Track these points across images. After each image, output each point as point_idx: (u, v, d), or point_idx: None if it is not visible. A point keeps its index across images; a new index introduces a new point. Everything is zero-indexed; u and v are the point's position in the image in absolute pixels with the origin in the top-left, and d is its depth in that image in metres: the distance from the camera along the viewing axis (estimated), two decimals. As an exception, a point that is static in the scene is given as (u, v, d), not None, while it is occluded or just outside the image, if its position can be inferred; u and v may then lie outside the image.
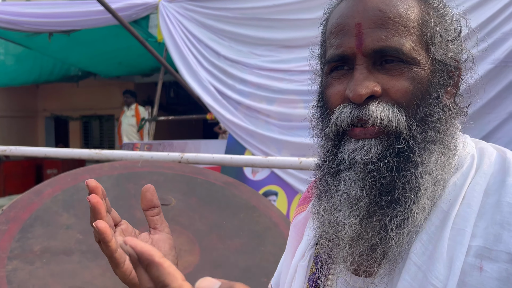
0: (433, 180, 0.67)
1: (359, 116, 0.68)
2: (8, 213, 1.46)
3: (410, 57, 0.68)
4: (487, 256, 0.62)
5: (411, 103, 0.67)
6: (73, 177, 1.68)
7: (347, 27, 0.70)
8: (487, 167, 0.69)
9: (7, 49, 7.22)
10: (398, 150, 0.67)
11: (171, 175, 1.81)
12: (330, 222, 0.71)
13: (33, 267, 1.32)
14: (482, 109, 3.05)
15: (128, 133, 7.80)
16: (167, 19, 4.85)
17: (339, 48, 0.71)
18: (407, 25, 0.68)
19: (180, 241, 1.50)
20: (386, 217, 0.66)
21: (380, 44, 0.67)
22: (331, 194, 0.71)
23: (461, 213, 0.65)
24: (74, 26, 5.61)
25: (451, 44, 0.72)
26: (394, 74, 0.68)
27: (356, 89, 0.67)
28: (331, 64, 0.73)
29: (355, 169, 0.68)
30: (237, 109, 4.41)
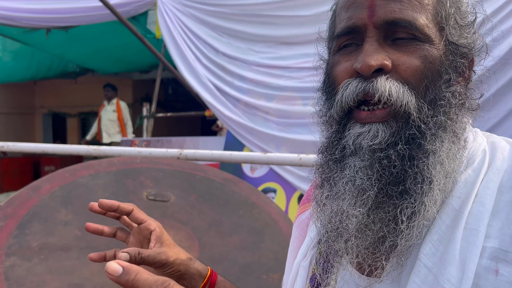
0: (444, 171, 0.63)
1: (366, 90, 0.64)
2: (5, 209, 1.45)
3: (423, 33, 0.65)
4: (503, 259, 0.58)
5: (420, 83, 0.64)
6: (71, 173, 1.66)
7: (359, 0, 0.68)
8: (500, 162, 0.66)
9: (4, 45, 7.19)
10: (409, 136, 0.63)
11: (170, 171, 1.80)
12: (333, 211, 0.67)
13: (31, 264, 1.31)
14: (481, 106, 3.04)
15: (107, 129, 7.38)
16: (165, 15, 4.83)
17: (350, 20, 0.68)
18: (422, 1, 0.66)
19: (179, 238, 1.49)
20: (397, 209, 0.62)
21: (393, 16, 0.65)
22: (335, 181, 0.68)
23: (474, 211, 0.62)
24: (72, 22, 5.59)
25: (465, 29, 0.70)
26: (405, 51, 0.65)
27: (364, 59, 0.64)
28: (339, 40, 0.70)
29: (361, 155, 0.65)
30: (236, 106, 4.40)
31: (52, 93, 12.20)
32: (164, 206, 1.62)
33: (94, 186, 1.63)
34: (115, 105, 7.42)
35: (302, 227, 0.86)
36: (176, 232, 1.52)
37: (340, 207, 0.66)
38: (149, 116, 5.68)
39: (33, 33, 6.15)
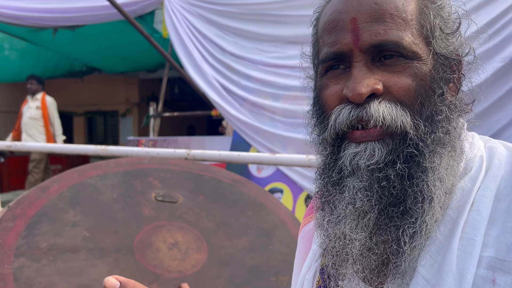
0: (444, 187, 0.63)
1: (359, 117, 0.63)
2: (14, 209, 1.45)
3: (410, 51, 0.64)
4: (500, 268, 0.57)
5: (415, 101, 0.63)
6: (79, 173, 1.66)
7: (341, 23, 0.66)
8: (497, 169, 0.65)
9: (11, 44, 7.22)
10: (407, 155, 0.62)
11: (178, 172, 1.79)
12: (336, 235, 0.66)
13: (40, 265, 1.31)
14: (490, 107, 3.02)
15: (28, 128, 6.18)
16: (172, 14, 4.82)
17: (334, 45, 0.66)
18: (405, 18, 0.64)
19: (188, 239, 1.49)
20: (398, 230, 0.61)
21: (378, 39, 0.63)
22: (335, 204, 0.67)
23: (470, 220, 0.61)
24: (79, 22, 5.60)
25: (451, 37, 0.69)
26: (395, 71, 0.64)
27: (355, 87, 0.62)
28: (326, 64, 0.69)
29: (359, 176, 0.64)
30: (242, 106, 4.39)
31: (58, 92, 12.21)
32: (173, 207, 1.61)
33: (102, 186, 1.63)
34: (40, 101, 6.30)
35: (307, 239, 0.85)
36: (184, 233, 1.52)
37: (342, 231, 0.65)
38: (156, 115, 5.69)
39: (40, 32, 6.17)
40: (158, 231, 1.50)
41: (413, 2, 0.66)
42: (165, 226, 1.53)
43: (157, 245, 1.45)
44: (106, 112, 12.35)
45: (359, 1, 0.65)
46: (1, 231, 1.37)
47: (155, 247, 1.44)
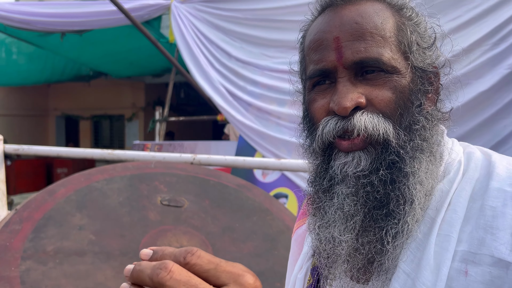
0: (424, 190, 0.67)
1: (345, 128, 0.68)
2: (21, 212, 1.46)
3: (390, 66, 0.68)
4: (472, 260, 0.62)
5: (395, 112, 0.68)
6: (86, 177, 1.67)
7: (325, 42, 0.71)
8: (473, 171, 0.70)
9: (19, 49, 7.28)
10: (389, 162, 0.67)
11: (184, 176, 1.80)
12: (326, 239, 0.71)
13: (46, 268, 1.31)
14: (497, 114, 3.01)
15: None
16: (179, 20, 4.85)
17: (320, 63, 0.71)
18: (384, 35, 0.69)
19: (193, 244, 1.49)
20: (382, 231, 0.66)
21: (360, 56, 0.68)
22: (325, 210, 0.71)
23: (447, 219, 0.66)
24: (87, 26, 5.64)
25: (428, 51, 0.73)
26: (376, 84, 0.68)
27: (340, 102, 0.67)
28: (312, 80, 0.74)
29: (347, 182, 0.69)
30: (248, 111, 4.40)
31: (65, 96, 12.34)
32: (178, 212, 1.62)
33: (108, 190, 1.64)
34: None
35: (299, 241, 0.90)
36: (189, 237, 1.52)
37: (331, 234, 0.70)
38: (162, 119, 5.71)
39: (48, 37, 6.22)
40: (163, 235, 1.51)
41: (391, 20, 0.71)
42: (171, 230, 1.54)
43: (163, 249, 1.46)
44: (112, 116, 12.41)
45: (341, 21, 0.71)
46: (9, 234, 1.38)
47: (161, 251, 1.45)
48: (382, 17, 0.71)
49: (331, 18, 0.72)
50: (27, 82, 8.62)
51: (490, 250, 0.62)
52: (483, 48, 3.18)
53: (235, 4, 4.52)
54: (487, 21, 3.18)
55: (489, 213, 0.64)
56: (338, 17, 0.71)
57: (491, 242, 0.62)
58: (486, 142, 2.97)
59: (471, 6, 3.24)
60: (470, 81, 3.16)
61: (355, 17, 0.70)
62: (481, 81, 3.10)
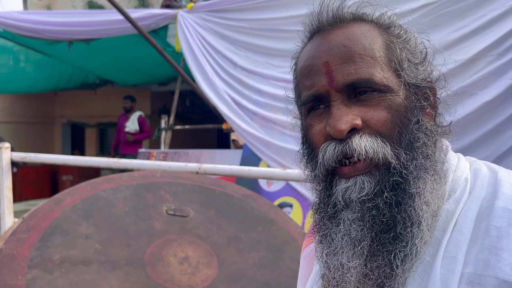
0: (431, 210, 0.66)
1: (344, 151, 0.67)
2: (28, 221, 1.47)
3: (382, 85, 0.68)
4: (477, 282, 0.61)
5: (393, 132, 0.67)
6: (92, 186, 1.69)
7: (316, 67, 0.71)
8: (479, 190, 0.69)
9: (27, 56, 7.35)
10: (393, 183, 0.66)
11: (189, 186, 1.81)
12: (335, 266, 0.70)
13: (53, 277, 1.32)
14: (502, 124, 3.00)
15: None
16: (185, 29, 4.89)
17: (312, 88, 0.71)
18: (373, 55, 0.69)
19: (198, 254, 1.50)
20: (390, 254, 0.65)
21: (350, 78, 0.68)
22: (332, 237, 0.71)
23: (453, 240, 0.65)
24: (94, 35, 5.69)
25: (420, 66, 0.73)
26: (370, 105, 0.68)
27: (335, 125, 0.67)
28: (307, 105, 0.74)
29: (352, 208, 0.68)
30: (253, 120, 4.41)
31: (71, 104, 12.41)
32: (183, 221, 1.63)
33: (114, 199, 1.65)
34: None
35: (309, 260, 0.88)
36: (195, 247, 1.53)
37: (339, 261, 0.69)
38: (167, 128, 5.73)
39: (55, 45, 6.29)
40: (169, 245, 1.51)
41: (379, 39, 0.71)
42: (176, 240, 1.54)
43: (168, 259, 1.46)
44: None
45: (329, 46, 0.71)
46: (16, 243, 1.40)
47: (166, 261, 1.45)
48: (370, 37, 0.71)
49: (319, 44, 0.73)
50: (34, 89, 8.69)
51: (494, 271, 0.61)
52: (488, 59, 3.18)
53: (241, 14, 4.55)
54: (492, 31, 3.18)
55: (494, 233, 0.63)
56: (326, 42, 0.72)
57: (496, 263, 0.61)
58: (491, 152, 2.96)
59: (476, 16, 3.24)
60: (475, 91, 3.16)
61: (343, 40, 0.70)
62: (486, 91, 3.10)
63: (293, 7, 4.17)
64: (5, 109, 11.46)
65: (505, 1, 3.11)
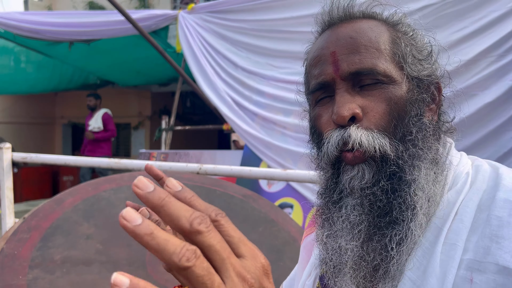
0: (426, 196, 0.69)
1: (344, 138, 0.71)
2: (30, 221, 1.47)
3: (385, 75, 0.71)
4: (477, 268, 0.63)
5: (390, 125, 0.71)
6: (93, 186, 1.69)
7: (324, 57, 0.76)
8: (481, 183, 0.72)
9: (28, 57, 7.36)
10: (390, 173, 0.70)
11: (190, 186, 1.81)
12: (333, 249, 0.73)
13: (54, 277, 1.32)
14: (503, 125, 3.00)
15: None
16: (186, 30, 4.90)
17: (319, 76, 0.76)
18: (378, 47, 0.73)
19: (199, 254, 1.50)
20: (386, 237, 0.69)
21: (355, 67, 0.72)
22: (333, 221, 0.74)
23: (453, 228, 0.68)
24: (95, 36, 5.70)
25: (425, 62, 0.76)
26: (372, 95, 0.72)
27: (338, 111, 0.70)
28: (315, 95, 0.78)
29: (354, 194, 0.72)
30: (254, 120, 4.41)
31: (72, 104, 12.42)
32: (184, 222, 1.63)
33: (116, 200, 1.65)
34: None
35: (308, 248, 0.92)
36: (195, 248, 1.53)
37: (338, 244, 0.72)
38: (168, 129, 5.73)
39: (56, 46, 6.30)
40: (170, 245, 1.51)
41: (385, 34, 0.75)
42: (177, 240, 1.54)
43: (169, 259, 1.46)
44: (119, 125, 12.45)
45: (337, 37, 0.75)
46: (17, 243, 1.40)
47: (167, 261, 1.46)
48: (376, 31, 0.75)
49: (328, 36, 0.78)
50: (34, 90, 8.70)
51: (495, 258, 0.63)
52: (488, 60, 3.18)
53: (242, 15, 4.56)
54: (493, 32, 3.18)
55: (495, 222, 0.66)
56: (334, 34, 0.76)
57: (496, 251, 0.63)
58: (492, 153, 2.97)
59: (477, 17, 3.25)
60: (476, 92, 3.16)
61: (350, 33, 0.75)
62: (487, 92, 3.11)
63: (294, 8, 4.18)
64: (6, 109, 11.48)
65: (505, 2, 3.12)
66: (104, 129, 7.01)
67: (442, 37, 3.31)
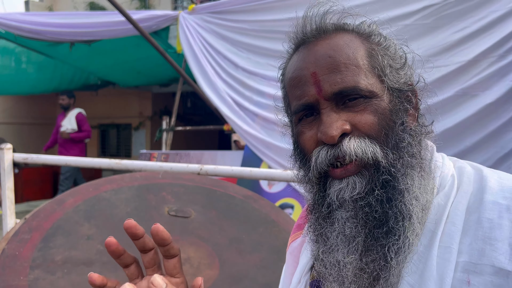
0: (420, 204, 0.70)
1: (336, 155, 0.71)
2: (31, 222, 1.48)
3: (367, 91, 0.72)
4: (473, 270, 0.65)
5: (380, 134, 0.71)
6: (94, 187, 1.69)
7: (304, 78, 0.75)
8: (467, 186, 0.73)
9: (29, 58, 7.37)
10: (383, 181, 0.70)
11: (191, 187, 1.81)
12: (331, 264, 0.73)
13: (55, 277, 1.33)
14: (504, 126, 3.00)
15: None
16: (186, 30, 4.90)
17: (302, 98, 0.75)
18: (357, 64, 0.73)
19: (200, 255, 1.50)
20: (384, 248, 0.69)
21: (338, 87, 0.72)
22: (327, 236, 0.74)
23: (446, 231, 0.69)
24: (95, 36, 5.71)
25: (401, 71, 0.77)
26: (357, 110, 0.72)
27: (327, 131, 0.71)
28: (298, 114, 0.78)
29: (345, 207, 0.71)
30: (254, 121, 4.41)
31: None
32: (185, 222, 1.63)
33: (116, 200, 1.65)
34: None
35: (295, 254, 0.92)
36: (196, 248, 1.53)
37: (335, 259, 0.72)
38: (169, 129, 5.74)
39: (57, 46, 6.31)
40: (170, 246, 1.52)
41: (361, 48, 0.75)
42: (178, 241, 1.54)
43: (170, 260, 1.46)
44: (119, 125, 12.47)
45: (315, 57, 0.75)
46: (18, 243, 1.40)
47: (168, 262, 1.46)
48: (353, 47, 0.75)
49: (306, 55, 0.77)
50: (35, 91, 8.71)
51: (490, 260, 0.64)
52: (489, 60, 3.18)
53: (243, 16, 4.56)
54: (494, 33, 3.18)
55: (487, 224, 0.67)
56: (312, 54, 0.76)
57: (491, 253, 0.65)
58: (493, 154, 2.97)
59: (478, 17, 3.25)
60: (477, 92, 3.16)
61: (328, 51, 0.74)
62: (488, 93, 3.10)
63: (294, 9, 4.17)
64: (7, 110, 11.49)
65: (506, 2, 3.12)
66: (79, 129, 6.76)
67: (443, 37, 3.31)
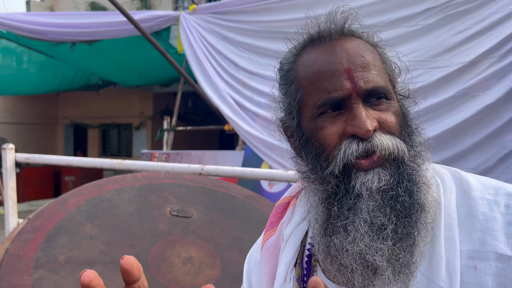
0: (432, 197, 0.76)
1: (367, 148, 0.74)
2: (34, 222, 1.49)
3: (389, 93, 0.78)
4: (478, 257, 0.72)
5: (400, 132, 0.77)
6: (97, 187, 1.70)
7: (337, 72, 0.77)
8: (450, 184, 0.80)
9: (30, 58, 7.39)
10: (407, 174, 0.75)
11: (192, 187, 1.82)
12: (356, 253, 0.73)
13: (58, 277, 1.34)
14: (504, 126, 3.01)
15: None
16: (187, 30, 4.91)
17: (333, 91, 0.76)
18: (380, 67, 0.79)
19: (201, 254, 1.51)
20: (412, 237, 0.72)
21: (371, 85, 0.76)
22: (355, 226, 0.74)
23: (446, 223, 0.75)
24: (97, 36, 5.73)
25: (398, 76, 0.83)
26: (381, 109, 0.77)
27: (363, 125, 0.74)
28: (322, 108, 0.78)
29: (372, 198, 0.73)
30: (255, 121, 4.43)
31: (74, 105, 12.45)
32: (187, 222, 1.64)
33: (119, 200, 1.67)
34: None
35: (271, 251, 0.94)
36: (198, 248, 1.54)
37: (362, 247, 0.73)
38: (170, 129, 5.75)
39: (58, 47, 6.32)
40: (172, 246, 1.53)
41: (377, 54, 0.81)
42: (180, 241, 1.56)
43: (171, 260, 1.48)
44: (120, 125, 12.49)
45: (348, 54, 0.78)
46: (21, 243, 1.41)
47: (170, 262, 1.47)
48: (373, 52, 0.81)
49: (333, 51, 0.79)
50: (37, 91, 8.73)
51: (493, 247, 0.71)
52: (489, 61, 3.19)
53: (244, 16, 4.57)
54: (494, 34, 3.19)
55: (482, 217, 0.74)
56: (343, 50, 0.79)
57: (492, 241, 0.71)
58: (493, 154, 2.98)
59: (478, 19, 3.26)
60: (477, 93, 3.17)
61: (359, 51, 0.78)
62: (488, 93, 3.12)
63: (295, 9, 4.19)
64: (9, 110, 11.51)
65: (506, 4, 3.13)
66: None
67: (444, 38, 3.32)
